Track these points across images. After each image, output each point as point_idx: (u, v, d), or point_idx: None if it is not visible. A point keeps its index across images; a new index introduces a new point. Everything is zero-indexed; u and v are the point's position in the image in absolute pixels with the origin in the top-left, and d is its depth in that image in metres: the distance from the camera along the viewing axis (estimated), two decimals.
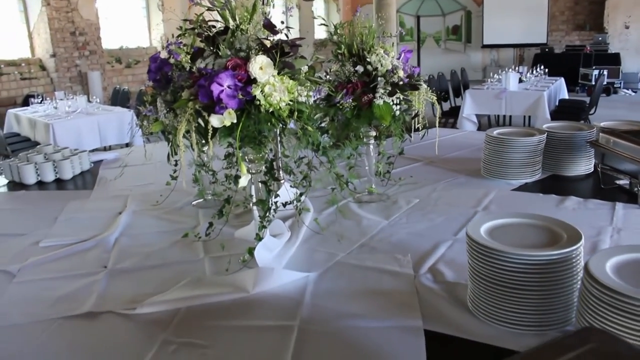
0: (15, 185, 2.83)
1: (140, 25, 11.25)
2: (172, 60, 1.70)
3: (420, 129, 2.16)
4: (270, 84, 1.45)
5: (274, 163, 1.56)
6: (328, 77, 2.12)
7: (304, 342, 1.29)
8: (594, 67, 10.94)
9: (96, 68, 9.65)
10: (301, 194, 1.67)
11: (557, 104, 7.18)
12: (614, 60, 11.76)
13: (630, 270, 1.14)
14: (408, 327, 1.34)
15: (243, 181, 1.43)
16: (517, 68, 7.15)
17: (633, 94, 11.35)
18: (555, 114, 6.53)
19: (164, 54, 1.77)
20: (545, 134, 2.49)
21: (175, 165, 1.96)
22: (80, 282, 1.66)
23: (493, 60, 14.26)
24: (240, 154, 1.44)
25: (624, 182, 2.33)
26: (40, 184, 2.82)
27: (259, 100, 1.45)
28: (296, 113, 1.48)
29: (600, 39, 12.22)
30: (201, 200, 2.32)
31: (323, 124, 2.09)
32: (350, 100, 1.89)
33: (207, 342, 1.30)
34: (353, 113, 2.05)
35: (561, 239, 1.30)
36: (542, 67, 7.59)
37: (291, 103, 1.49)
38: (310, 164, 1.70)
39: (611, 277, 1.10)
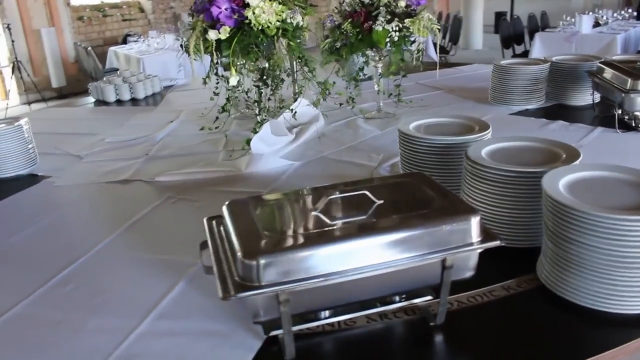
0: (100, 102, 3.46)
1: None
2: None
3: (417, 54, 2.47)
4: (260, 7, 1.84)
5: (265, 71, 1.96)
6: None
7: None
8: None
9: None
10: (296, 98, 2.07)
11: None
12: None
13: (502, 154, 1.44)
14: None
15: (233, 80, 1.85)
16: (598, 11, 6.93)
17: None
18: None
19: None
20: (549, 64, 2.69)
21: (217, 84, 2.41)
22: (125, 163, 2.18)
23: (595, 5, 13.47)
24: (233, 61, 1.86)
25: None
26: (119, 102, 3.41)
27: (251, 20, 1.85)
28: (281, 31, 1.87)
29: None
30: (239, 113, 2.77)
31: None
32: (335, 22, 2.24)
33: (197, 199, 1.78)
34: (356, 38, 2.40)
35: (473, 130, 1.62)
36: (629, 9, 7.26)
37: (279, 23, 1.88)
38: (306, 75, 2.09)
39: (483, 157, 1.41)
